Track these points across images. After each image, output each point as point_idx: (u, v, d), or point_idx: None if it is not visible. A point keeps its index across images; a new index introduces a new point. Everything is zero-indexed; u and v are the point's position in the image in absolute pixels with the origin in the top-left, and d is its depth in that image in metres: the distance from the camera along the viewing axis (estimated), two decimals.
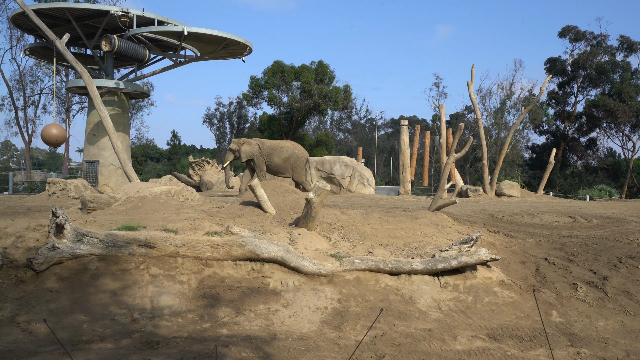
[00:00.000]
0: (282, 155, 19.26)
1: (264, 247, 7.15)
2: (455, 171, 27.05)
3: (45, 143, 19.87)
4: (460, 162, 46.96)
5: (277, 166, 19.35)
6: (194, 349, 5.14)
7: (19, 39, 37.24)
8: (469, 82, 24.74)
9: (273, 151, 19.25)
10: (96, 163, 21.31)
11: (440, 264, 7.31)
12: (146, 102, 47.36)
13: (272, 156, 19.23)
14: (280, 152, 19.26)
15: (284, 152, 19.30)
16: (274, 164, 19.30)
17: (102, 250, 6.75)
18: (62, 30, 20.43)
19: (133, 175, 16.36)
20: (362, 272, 7.31)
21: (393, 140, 58.47)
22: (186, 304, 6.39)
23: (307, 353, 5.31)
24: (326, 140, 42.58)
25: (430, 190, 37.86)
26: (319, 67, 39.63)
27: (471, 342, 5.90)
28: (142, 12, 20.24)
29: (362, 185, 24.26)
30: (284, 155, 19.27)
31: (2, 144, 73.78)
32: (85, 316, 5.90)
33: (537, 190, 27.23)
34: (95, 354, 4.97)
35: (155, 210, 9.79)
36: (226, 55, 23.48)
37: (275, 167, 19.40)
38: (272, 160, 19.24)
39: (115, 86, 20.96)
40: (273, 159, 19.23)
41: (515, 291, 7.29)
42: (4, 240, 6.81)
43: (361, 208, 11.74)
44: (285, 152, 19.30)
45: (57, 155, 75.98)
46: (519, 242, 9.24)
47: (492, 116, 46.92)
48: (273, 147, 19.40)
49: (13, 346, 5.12)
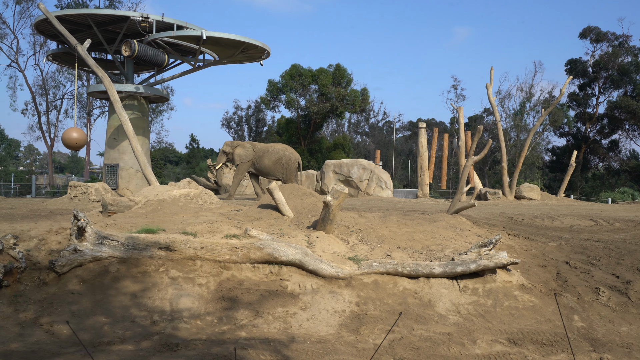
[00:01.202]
0: (272, 158, 19.40)
1: (282, 250, 7.17)
2: (474, 174, 26.84)
3: (65, 146, 20.19)
4: (479, 164, 46.56)
5: (267, 168, 19.48)
6: (213, 351, 5.17)
7: (42, 45, 37.93)
8: (487, 84, 24.55)
9: (264, 154, 19.40)
10: (116, 167, 21.58)
11: (459, 268, 7.25)
12: (166, 107, 47.87)
13: (263, 158, 19.36)
14: (271, 155, 19.41)
15: (274, 155, 19.45)
16: (265, 166, 19.42)
17: (123, 252, 6.83)
18: (84, 36, 20.75)
19: (152, 178, 16.53)
20: (380, 275, 7.29)
21: (411, 143, 58.23)
22: (205, 306, 6.43)
23: (326, 356, 5.31)
24: (344, 143, 42.56)
25: (448, 193, 37.61)
26: (337, 70, 39.66)
27: (491, 346, 5.85)
28: (161, 17, 20.47)
29: (379, 188, 24.19)
30: (275, 158, 19.41)
31: (26, 148, 75.13)
32: (106, 318, 5.97)
33: (557, 193, 26.89)
34: (116, 355, 5.03)
35: (175, 213, 9.88)
36: (244, 59, 23.62)
37: (266, 169, 19.53)
38: (263, 163, 19.36)
39: (135, 90, 21.22)
40: (263, 160, 19.35)
41: (536, 295, 7.21)
42: (27, 243, 6.93)
43: (379, 211, 11.71)
44: (276, 155, 19.45)
45: (78, 159, 77.10)
46: (539, 245, 9.13)
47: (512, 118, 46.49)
48: (264, 149, 19.56)
49: (36, 347, 5.20)
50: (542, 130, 46.17)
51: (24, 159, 76.29)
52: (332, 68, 40.00)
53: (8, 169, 42.83)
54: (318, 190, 25.11)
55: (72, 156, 79.03)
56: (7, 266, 6.20)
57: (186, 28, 21.21)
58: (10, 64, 38.38)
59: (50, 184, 40.32)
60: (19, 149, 70.81)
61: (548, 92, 47.87)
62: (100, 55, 24.49)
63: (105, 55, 24.44)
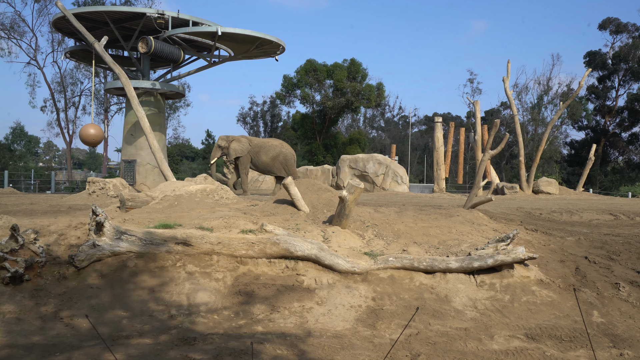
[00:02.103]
0: (269, 154, 19.45)
1: (298, 245, 7.18)
2: (491, 168, 26.62)
3: (83, 143, 20.42)
4: (496, 159, 46.18)
5: (264, 164, 19.53)
6: (230, 346, 5.21)
7: (60, 43, 38.38)
8: (504, 78, 24.30)
9: (261, 149, 19.46)
10: (134, 162, 21.77)
11: (476, 263, 7.20)
12: (182, 103, 48.17)
13: (260, 154, 19.41)
14: (268, 151, 19.46)
15: (271, 151, 19.50)
16: (262, 162, 19.47)
17: (140, 247, 6.89)
18: (101, 33, 20.94)
19: (169, 174, 16.66)
20: (397, 270, 7.27)
21: (427, 137, 57.91)
22: (222, 300, 6.47)
23: (342, 351, 5.31)
24: (359, 138, 42.48)
25: (465, 188, 37.36)
26: (352, 65, 39.55)
27: (508, 341, 5.80)
28: (177, 13, 20.57)
29: (395, 183, 24.11)
30: (272, 154, 19.46)
31: (45, 144, 76.16)
32: (124, 312, 6.04)
33: (576, 187, 26.58)
34: (134, 349, 5.08)
35: (191, 208, 9.94)
36: (259, 54, 23.65)
37: (263, 166, 19.57)
38: (260, 159, 19.41)
39: (151, 87, 21.37)
40: (261, 157, 19.40)
41: (554, 290, 7.13)
42: (47, 238, 7.03)
43: (395, 206, 11.67)
44: (273, 151, 19.50)
45: (96, 155, 77.99)
46: (557, 240, 9.03)
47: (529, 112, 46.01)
48: (261, 145, 19.60)
49: (57, 340, 5.28)
50: (560, 123, 45.63)
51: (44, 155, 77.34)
52: (347, 63, 39.89)
53: (28, 165, 43.49)
54: (334, 185, 25.10)
55: (90, 152, 79.96)
56: (28, 261, 6.30)
57: (201, 24, 21.29)
58: (29, 62, 38.92)
59: (69, 179, 40.86)
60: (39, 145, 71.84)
61: (566, 85, 47.28)
62: (117, 52, 24.70)
63: (122, 52, 24.65)
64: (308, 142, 42.04)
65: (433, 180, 26.97)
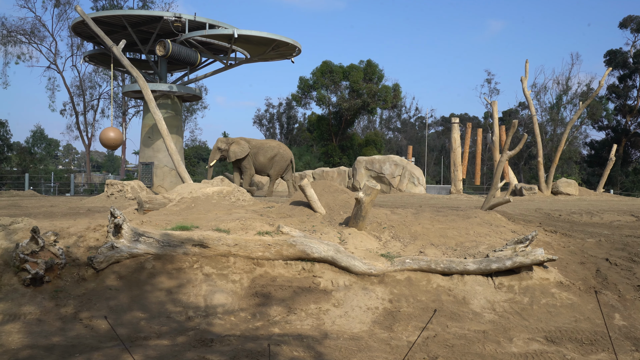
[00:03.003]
0: (267, 155, 19.63)
1: (315, 246, 7.17)
2: (509, 169, 26.36)
3: (103, 146, 20.64)
4: (514, 160, 45.74)
5: (262, 165, 19.77)
6: (247, 347, 5.21)
7: (79, 47, 38.90)
8: (522, 78, 24.06)
9: (259, 150, 19.64)
10: (151, 165, 21.96)
11: (494, 264, 7.13)
12: (199, 105, 48.49)
13: (258, 155, 19.61)
14: (266, 152, 19.66)
15: (269, 152, 19.70)
16: (260, 163, 19.69)
17: (158, 249, 6.94)
18: (119, 37, 21.17)
19: (186, 176, 16.76)
20: (414, 272, 7.23)
21: (444, 138, 57.56)
22: (238, 302, 6.49)
23: (359, 353, 5.29)
24: (375, 140, 42.37)
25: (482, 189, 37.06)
26: (368, 66, 39.49)
27: (527, 344, 5.73)
28: (193, 16, 20.71)
29: (412, 185, 24.00)
30: (270, 155, 19.63)
31: (64, 147, 77.24)
32: (142, 313, 6.09)
33: (596, 188, 26.20)
34: (152, 350, 5.12)
35: (208, 210, 9.99)
36: (275, 56, 23.71)
37: (260, 166, 19.80)
38: (258, 160, 19.61)
39: (168, 89, 21.54)
40: (258, 158, 19.60)
41: (574, 293, 7.03)
42: (66, 240, 7.12)
43: (412, 207, 11.61)
44: (271, 152, 19.70)
45: (114, 158, 78.86)
46: (577, 242, 8.91)
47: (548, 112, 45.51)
48: (259, 146, 19.78)
49: (76, 341, 5.34)
50: (579, 123, 45.06)
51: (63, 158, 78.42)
52: (363, 64, 39.83)
53: (48, 167, 44.12)
54: (350, 186, 25.06)
55: (108, 155, 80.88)
56: (48, 262, 6.38)
57: (218, 27, 21.41)
58: (49, 66, 39.47)
59: (88, 182, 41.38)
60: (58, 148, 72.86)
61: (586, 84, 46.67)
62: (135, 55, 24.94)
63: (139, 56, 24.89)
64: (324, 144, 42.05)
65: (450, 181, 26.80)
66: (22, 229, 7.41)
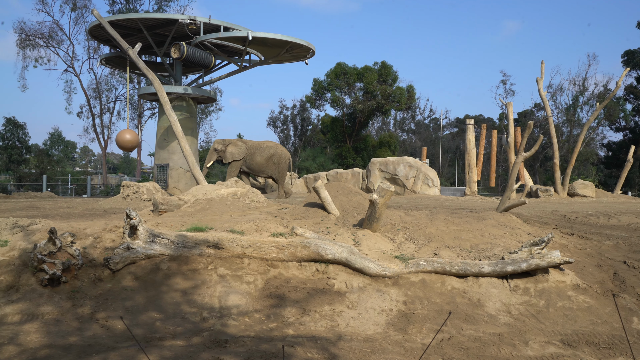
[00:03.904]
0: (264, 155, 19.62)
1: (329, 248, 7.18)
2: (524, 171, 26.14)
3: (119, 148, 20.85)
4: (529, 161, 45.36)
5: (259, 165, 19.75)
6: (261, 348, 5.23)
7: (96, 50, 39.34)
8: (538, 79, 23.86)
9: (256, 151, 19.65)
10: (166, 166, 22.12)
11: (509, 267, 7.08)
12: (214, 107, 48.75)
13: (255, 156, 19.61)
14: (263, 152, 19.66)
15: (266, 152, 19.70)
16: (257, 164, 19.68)
17: (173, 250, 6.99)
18: (134, 40, 21.36)
19: (201, 178, 16.86)
20: (428, 274, 7.20)
21: (458, 140, 57.23)
22: (253, 303, 6.51)
23: (373, 355, 5.28)
24: (389, 141, 42.26)
25: (497, 191, 36.80)
26: (382, 68, 39.42)
27: (544, 348, 5.68)
28: (208, 19, 20.84)
29: (426, 186, 23.89)
30: (267, 155, 19.63)
31: (81, 149, 78.11)
32: (158, 314, 6.14)
33: (613, 190, 25.88)
34: (168, 350, 5.15)
35: (222, 212, 10.04)
36: (289, 58, 23.76)
37: (257, 167, 19.78)
38: (255, 160, 19.60)
39: (183, 92, 21.70)
40: (255, 158, 19.59)
41: (591, 296, 6.95)
42: (83, 241, 7.20)
43: (426, 209, 11.57)
44: (268, 152, 19.70)
45: (130, 160, 79.56)
46: (594, 244, 8.80)
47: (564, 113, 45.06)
48: (256, 147, 19.81)
49: (93, 341, 5.40)
50: (596, 125, 44.55)
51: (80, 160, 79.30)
52: (378, 66, 39.77)
53: (65, 169, 44.64)
54: (364, 188, 25.02)
55: (124, 157, 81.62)
56: (65, 263, 6.46)
57: (232, 29, 21.52)
58: (66, 69, 39.97)
59: (104, 183, 41.79)
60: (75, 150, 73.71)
61: (603, 85, 46.11)
62: (150, 58, 25.15)
63: (154, 58, 25.09)
64: (338, 145, 42.04)
65: (465, 183, 26.64)
66: (40, 230, 7.51)
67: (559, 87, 48.04)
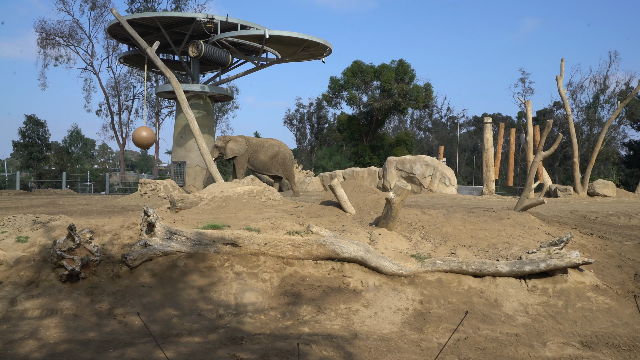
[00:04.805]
0: (268, 153, 19.64)
1: (344, 246, 7.16)
2: (543, 170, 25.82)
3: (136, 145, 21.05)
4: (548, 160, 44.84)
5: (262, 163, 19.78)
6: (276, 346, 5.24)
7: (115, 49, 39.76)
8: (558, 77, 23.56)
9: (259, 148, 19.66)
10: (183, 164, 22.29)
11: (527, 267, 7.00)
12: (231, 105, 48.97)
13: (258, 153, 19.61)
14: (266, 150, 19.67)
15: (270, 150, 19.71)
16: (260, 162, 19.70)
17: (190, 248, 7.04)
18: (153, 39, 21.54)
19: (218, 175, 16.96)
20: (444, 273, 7.15)
21: (476, 138, 56.77)
22: (268, 301, 6.53)
23: (388, 354, 5.26)
24: (406, 140, 42.06)
25: (515, 190, 36.46)
26: (399, 66, 39.22)
27: (562, 349, 5.61)
28: (225, 17, 20.93)
29: (443, 185, 23.74)
30: (270, 153, 19.65)
31: (100, 147, 78.99)
32: (175, 311, 6.18)
33: (635, 190, 25.44)
34: (184, 347, 5.19)
35: (239, 209, 10.08)
36: (306, 56, 23.78)
37: (261, 165, 19.81)
38: (258, 158, 19.62)
39: (200, 90, 21.82)
40: (259, 156, 19.60)
41: (612, 297, 6.85)
42: (101, 238, 7.28)
43: (443, 208, 11.49)
44: (272, 150, 19.71)
45: (148, 157, 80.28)
46: (615, 244, 8.67)
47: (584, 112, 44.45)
48: (259, 144, 19.81)
49: (111, 337, 5.46)
50: (617, 123, 43.88)
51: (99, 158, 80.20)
52: (395, 64, 39.58)
53: (84, 167, 45.21)
54: (380, 187, 24.95)
55: (142, 154, 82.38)
56: (84, 259, 6.54)
57: (249, 27, 21.59)
58: (86, 67, 40.44)
59: (122, 181, 42.22)
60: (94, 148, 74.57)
61: (624, 83, 45.32)
62: (168, 56, 25.35)
63: (172, 57, 25.27)
64: (354, 144, 41.96)
65: (482, 182, 26.41)
66: (60, 227, 7.61)
67: (579, 85, 47.40)
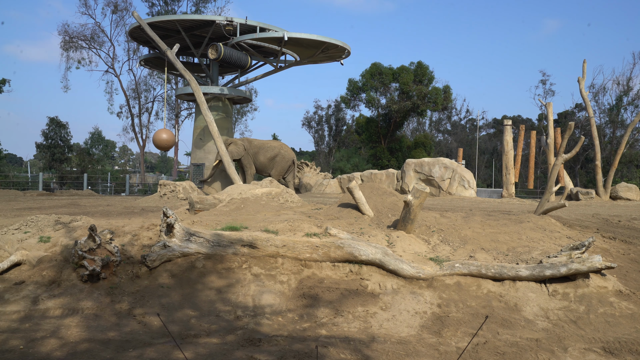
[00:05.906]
0: (268, 155, 19.87)
1: (362, 249, 7.14)
2: (564, 173, 25.48)
3: (156, 147, 21.27)
4: (569, 163, 44.23)
5: (262, 165, 20.12)
6: (294, 348, 5.24)
7: (135, 51, 40.22)
8: (579, 78, 23.23)
9: (260, 150, 19.91)
10: (202, 166, 22.43)
11: (547, 271, 6.91)
12: (250, 108, 49.20)
13: (259, 155, 19.92)
14: (266, 152, 19.93)
15: (270, 152, 19.95)
16: (260, 163, 20.02)
17: (208, 249, 7.08)
18: (173, 41, 21.74)
19: (236, 177, 17.04)
20: (463, 276, 7.09)
21: (495, 141, 56.23)
22: (286, 303, 6.54)
23: (407, 358, 5.23)
24: (425, 142, 41.83)
25: (536, 193, 36.03)
26: (418, 68, 39.04)
27: (583, 355, 5.52)
28: (245, 20, 21.04)
29: (462, 188, 23.56)
30: (270, 155, 19.84)
31: (121, 148, 79.95)
32: (193, 311, 6.22)
33: None
34: (202, 347, 5.22)
35: (257, 211, 10.12)
36: (325, 58, 23.79)
37: (261, 166, 20.12)
38: (258, 159, 19.92)
39: (220, 92, 21.96)
40: (259, 157, 19.89)
41: (635, 302, 6.72)
42: (121, 238, 7.36)
43: (462, 211, 11.40)
44: (272, 152, 19.93)
45: (167, 159, 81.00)
46: (638, 249, 8.51)
47: (606, 114, 43.75)
48: (260, 146, 20.05)
49: (130, 337, 5.51)
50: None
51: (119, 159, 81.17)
52: (414, 66, 39.40)
53: (105, 168, 45.79)
54: (398, 189, 24.84)
55: (161, 156, 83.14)
56: (104, 259, 6.62)
57: (268, 30, 21.68)
58: (107, 70, 40.99)
59: (142, 182, 42.67)
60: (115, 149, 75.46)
61: None
62: (188, 59, 25.56)
63: (192, 59, 25.48)
64: (373, 146, 41.86)
65: (501, 185, 26.14)
66: (81, 227, 7.71)
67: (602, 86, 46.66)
